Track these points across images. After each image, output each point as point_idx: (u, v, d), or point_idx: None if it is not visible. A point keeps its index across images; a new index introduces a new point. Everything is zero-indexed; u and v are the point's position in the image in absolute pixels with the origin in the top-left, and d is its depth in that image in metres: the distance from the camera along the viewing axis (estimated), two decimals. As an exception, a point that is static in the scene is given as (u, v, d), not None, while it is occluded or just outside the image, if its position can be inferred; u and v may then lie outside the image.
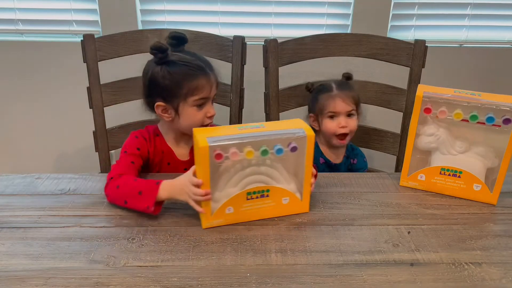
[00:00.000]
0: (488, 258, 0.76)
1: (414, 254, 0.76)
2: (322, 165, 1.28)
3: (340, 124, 1.23)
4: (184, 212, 0.88)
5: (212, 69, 1.01)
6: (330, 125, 1.24)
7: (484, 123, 0.89)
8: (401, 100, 1.35)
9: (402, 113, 1.37)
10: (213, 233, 0.81)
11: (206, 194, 0.80)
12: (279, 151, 0.82)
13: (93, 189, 0.96)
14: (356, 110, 1.26)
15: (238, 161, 0.81)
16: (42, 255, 0.74)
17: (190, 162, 1.08)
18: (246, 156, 0.81)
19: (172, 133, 1.06)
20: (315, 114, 1.28)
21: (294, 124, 0.86)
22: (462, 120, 0.90)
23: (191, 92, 0.97)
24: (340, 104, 1.23)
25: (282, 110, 1.33)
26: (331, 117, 1.25)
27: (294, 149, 0.83)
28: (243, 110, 1.35)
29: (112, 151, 1.35)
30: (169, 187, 0.85)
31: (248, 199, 0.84)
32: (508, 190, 0.97)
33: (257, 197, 0.84)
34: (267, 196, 0.85)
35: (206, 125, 1.02)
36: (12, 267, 0.71)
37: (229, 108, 1.33)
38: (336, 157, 1.31)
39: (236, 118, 1.33)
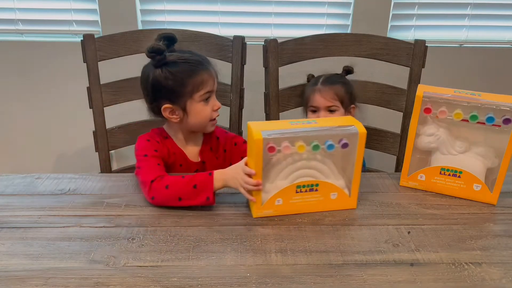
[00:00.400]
0: (488, 258, 0.76)
1: (414, 254, 0.76)
2: None
3: (319, 118, 1.22)
4: (184, 212, 0.88)
5: (209, 63, 1.02)
6: (310, 118, 1.26)
7: (484, 123, 0.89)
8: (401, 100, 1.35)
9: (402, 113, 1.36)
10: (213, 233, 0.81)
11: (257, 185, 0.83)
12: (330, 146, 0.84)
13: (93, 189, 0.96)
14: (342, 105, 1.25)
15: (290, 155, 0.84)
16: (42, 255, 0.74)
17: (201, 164, 1.08)
18: (298, 150, 0.83)
19: (181, 134, 1.06)
20: (304, 105, 1.31)
21: (346, 121, 0.87)
22: (462, 120, 0.90)
23: (196, 88, 0.97)
24: (319, 99, 1.24)
25: (282, 110, 1.33)
26: (313, 111, 1.27)
27: (345, 145, 0.85)
28: (243, 110, 1.35)
29: (112, 151, 1.35)
30: (222, 176, 0.88)
31: (297, 192, 0.86)
32: (508, 190, 0.97)
33: (306, 191, 0.86)
34: (316, 190, 0.87)
35: (214, 119, 1.03)
36: (12, 267, 0.71)
37: (229, 108, 1.33)
38: None
39: (236, 118, 1.33)
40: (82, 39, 1.25)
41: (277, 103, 1.32)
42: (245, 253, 0.75)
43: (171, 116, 1.00)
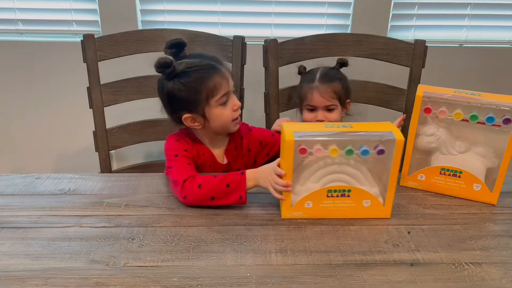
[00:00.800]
0: (488, 258, 0.76)
1: (414, 254, 0.76)
2: None
3: (317, 118, 1.19)
4: (184, 212, 0.88)
5: (221, 63, 1.00)
6: (308, 117, 1.22)
7: (484, 123, 0.89)
8: (401, 100, 1.35)
9: (402, 113, 1.37)
10: (213, 233, 0.81)
11: (287, 186, 0.84)
12: (365, 152, 0.82)
13: (93, 189, 0.96)
14: (340, 102, 1.21)
15: (322, 158, 0.83)
16: (42, 255, 0.74)
17: (228, 166, 1.08)
18: (331, 154, 0.82)
19: (207, 138, 1.05)
20: (299, 101, 1.26)
21: (384, 127, 0.84)
22: (462, 120, 0.90)
23: (211, 94, 0.96)
24: (317, 98, 1.19)
25: (282, 110, 1.33)
26: (310, 110, 1.22)
27: (381, 152, 0.82)
28: (243, 110, 1.35)
29: (112, 151, 1.35)
30: (254, 175, 0.89)
31: (328, 196, 0.85)
32: (508, 190, 0.97)
33: (337, 196, 0.85)
34: (348, 196, 0.85)
35: (236, 119, 1.02)
36: (12, 267, 0.71)
37: (229, 108, 1.33)
38: None
39: (236, 118, 1.33)
40: (82, 39, 1.25)
41: (277, 103, 1.32)
42: (245, 253, 0.75)
43: (193, 124, 1.00)
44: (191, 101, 0.96)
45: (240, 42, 1.29)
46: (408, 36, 1.77)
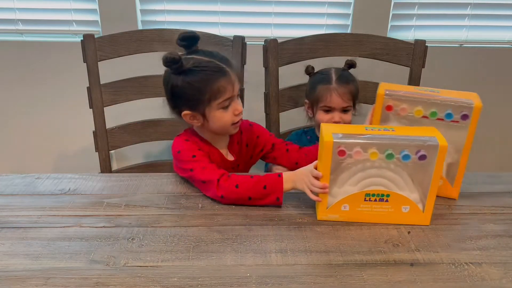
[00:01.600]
0: (488, 258, 0.76)
1: (414, 254, 0.76)
2: None
3: (333, 119, 1.20)
4: (184, 212, 0.88)
5: (231, 65, 0.97)
6: (323, 118, 1.22)
7: (443, 119, 0.89)
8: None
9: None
10: (213, 233, 0.81)
11: (323, 187, 0.84)
12: (406, 157, 0.80)
13: (93, 189, 0.96)
14: (353, 103, 1.22)
15: (361, 161, 0.82)
16: (42, 255, 0.74)
17: (236, 162, 1.08)
18: (370, 157, 0.81)
19: (209, 135, 1.04)
20: (311, 102, 1.25)
21: (427, 132, 0.82)
22: (423, 117, 0.91)
23: (214, 96, 0.95)
24: (336, 99, 1.19)
25: (282, 110, 1.34)
26: (327, 111, 1.22)
27: (422, 157, 0.80)
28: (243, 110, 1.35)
29: (112, 151, 1.35)
30: (291, 177, 0.90)
31: (366, 200, 0.83)
32: (508, 190, 0.98)
33: (375, 200, 0.83)
34: (387, 201, 0.83)
35: (237, 123, 1.00)
36: (12, 267, 0.71)
37: (229, 108, 1.33)
38: None
39: (236, 118, 1.33)
40: (82, 39, 1.25)
41: (277, 103, 1.32)
42: (245, 253, 0.75)
43: (192, 121, 1.00)
44: (193, 100, 0.96)
45: (240, 42, 1.29)
46: (408, 36, 1.77)
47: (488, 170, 0.85)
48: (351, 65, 1.25)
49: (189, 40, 0.97)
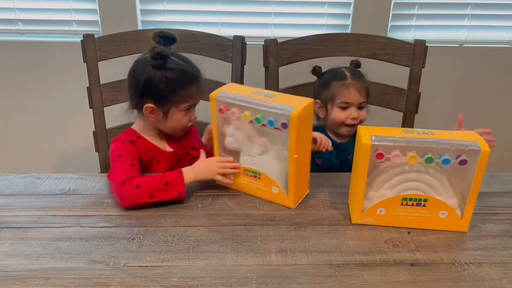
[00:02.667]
0: (488, 258, 0.76)
1: (414, 254, 0.76)
2: (332, 151, 1.20)
3: (351, 115, 1.18)
4: (184, 212, 0.88)
5: (200, 76, 1.03)
6: (340, 115, 1.19)
7: (266, 125, 0.86)
8: (401, 100, 1.35)
9: (402, 113, 1.37)
10: (213, 233, 0.81)
11: (235, 167, 0.93)
12: (446, 161, 0.78)
13: (93, 189, 0.96)
14: (366, 101, 1.21)
15: (399, 165, 0.80)
16: (42, 255, 0.74)
17: (176, 154, 1.10)
18: (409, 160, 0.79)
19: (152, 131, 1.07)
20: (323, 101, 1.22)
21: (468, 136, 0.80)
22: (250, 121, 0.88)
23: (184, 100, 1.00)
24: (354, 94, 1.17)
25: (282, 110, 1.33)
26: (343, 108, 1.18)
27: (463, 162, 0.78)
28: (243, 110, 1.35)
29: (112, 151, 1.35)
30: (193, 170, 0.94)
31: (402, 204, 0.82)
32: (508, 190, 0.98)
33: (412, 205, 0.82)
34: (424, 206, 0.82)
35: (187, 127, 1.07)
36: (12, 267, 0.71)
37: (229, 108, 1.33)
38: (339, 139, 1.26)
39: (236, 118, 1.33)
40: (82, 39, 1.25)
41: (277, 103, 1.32)
42: (245, 253, 0.75)
43: (150, 115, 1.02)
44: (164, 96, 0.99)
45: (240, 42, 1.29)
46: (408, 36, 1.77)
47: (488, 170, 0.85)
48: (357, 64, 1.24)
49: (167, 39, 1.01)
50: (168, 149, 1.10)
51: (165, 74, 0.97)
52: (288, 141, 0.84)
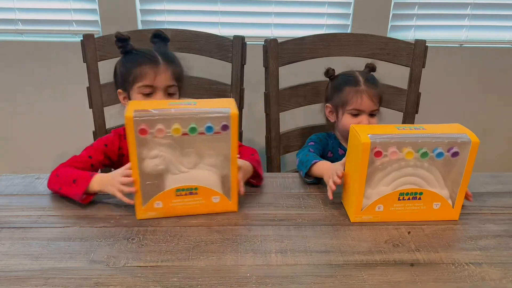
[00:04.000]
0: (488, 258, 0.76)
1: (414, 254, 0.76)
2: (341, 156, 1.19)
3: (362, 123, 1.14)
4: (184, 212, 0.88)
5: (170, 61, 1.02)
6: (350, 122, 1.14)
7: (204, 133, 0.81)
8: (401, 100, 1.35)
9: (402, 113, 1.37)
10: (213, 233, 0.81)
11: (130, 182, 0.82)
12: (440, 155, 0.81)
13: (93, 189, 0.96)
14: (378, 108, 1.18)
15: (396, 161, 0.82)
16: (42, 255, 0.74)
17: None
18: (406, 156, 0.81)
19: None
20: (335, 105, 1.18)
21: (456, 129, 0.83)
22: (183, 134, 0.80)
23: (135, 79, 1.00)
24: (367, 102, 1.13)
25: (282, 110, 1.33)
26: (355, 115, 1.14)
27: (455, 154, 0.81)
28: (243, 110, 1.35)
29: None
30: (100, 179, 0.88)
31: (399, 199, 0.84)
32: (508, 190, 0.98)
33: (409, 199, 0.84)
34: (419, 199, 0.84)
35: None
36: (12, 267, 0.71)
37: (229, 108, 1.33)
38: None
39: (236, 118, 1.33)
40: (82, 39, 1.25)
41: (277, 103, 1.32)
42: (245, 253, 0.75)
43: (123, 102, 1.06)
44: (123, 79, 1.03)
45: (240, 42, 1.29)
46: (408, 36, 1.77)
47: (488, 170, 0.85)
48: (372, 68, 1.20)
49: (159, 38, 1.06)
50: None
51: (123, 58, 1.04)
52: (230, 142, 0.82)
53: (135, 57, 1.02)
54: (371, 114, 1.15)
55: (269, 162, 1.35)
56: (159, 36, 1.06)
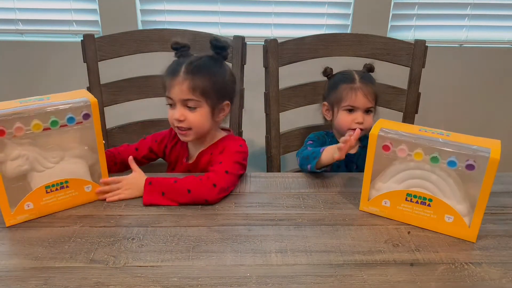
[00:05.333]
0: (488, 258, 0.76)
1: (414, 254, 0.76)
2: None
3: (357, 120, 1.14)
4: (184, 212, 0.88)
5: (191, 73, 0.95)
6: (345, 119, 1.15)
7: (66, 125, 0.82)
8: (401, 100, 1.35)
9: (402, 113, 1.37)
10: (213, 233, 0.81)
11: (104, 183, 0.91)
12: (452, 163, 0.78)
13: (93, 189, 0.96)
14: (374, 106, 1.18)
15: (409, 160, 0.82)
16: (42, 255, 0.74)
17: (192, 166, 1.06)
18: (414, 157, 0.81)
19: None
20: (331, 103, 1.19)
21: (483, 142, 0.77)
22: (44, 129, 0.80)
23: (165, 89, 0.99)
24: (361, 98, 1.13)
25: (282, 110, 1.33)
26: (349, 110, 1.15)
27: (470, 167, 0.76)
28: (243, 110, 1.35)
29: (112, 151, 1.35)
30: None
31: (407, 200, 0.84)
32: (508, 190, 0.98)
33: (417, 202, 0.83)
34: (429, 205, 0.82)
35: (179, 128, 0.99)
36: (12, 267, 0.71)
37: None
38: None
39: (236, 118, 1.33)
40: (82, 39, 1.25)
41: (277, 103, 1.32)
42: (245, 253, 0.75)
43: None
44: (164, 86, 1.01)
45: (240, 42, 1.29)
46: (408, 36, 1.77)
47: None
48: (369, 68, 1.21)
49: (179, 47, 1.01)
50: (191, 160, 1.07)
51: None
52: (94, 130, 0.86)
53: (171, 64, 0.99)
54: (367, 111, 1.16)
55: (269, 162, 1.35)
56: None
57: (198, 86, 0.95)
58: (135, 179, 0.93)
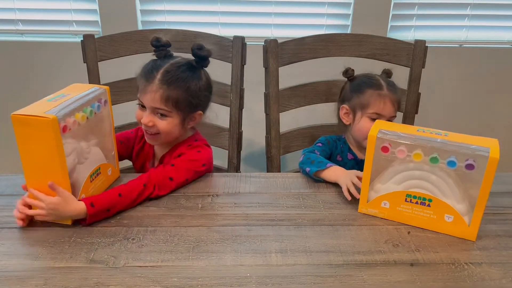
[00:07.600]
0: (488, 258, 0.76)
1: (414, 254, 0.76)
2: (350, 161, 1.18)
3: None
4: (184, 212, 0.88)
5: (166, 82, 0.93)
6: (369, 126, 1.03)
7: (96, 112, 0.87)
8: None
9: (402, 113, 1.37)
10: (213, 233, 0.81)
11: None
12: (452, 163, 0.77)
13: (93, 189, 0.96)
14: (396, 115, 1.15)
15: (407, 161, 0.82)
16: (42, 255, 0.74)
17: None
18: (414, 158, 0.80)
19: None
20: (352, 107, 1.14)
21: (482, 142, 0.78)
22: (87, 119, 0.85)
23: (137, 89, 0.99)
24: (389, 107, 1.10)
25: (282, 110, 1.33)
26: (373, 118, 1.09)
27: (470, 167, 0.76)
28: (243, 110, 1.35)
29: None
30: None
31: (406, 200, 0.83)
32: (508, 190, 0.98)
33: (416, 203, 0.83)
34: (429, 206, 0.82)
35: (146, 132, 0.99)
36: (12, 267, 0.71)
37: (229, 108, 1.33)
38: (363, 154, 1.17)
39: (236, 118, 1.33)
40: (82, 39, 1.25)
41: (277, 103, 1.32)
42: (245, 253, 0.75)
43: None
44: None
45: (240, 42, 1.29)
46: (408, 36, 1.77)
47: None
48: (388, 74, 1.18)
49: (159, 45, 0.99)
50: (155, 161, 1.07)
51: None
52: (109, 115, 0.94)
53: (144, 65, 0.98)
54: (389, 120, 1.12)
55: (269, 162, 1.35)
56: (197, 56, 0.98)
57: (171, 98, 0.93)
58: (60, 206, 0.80)
